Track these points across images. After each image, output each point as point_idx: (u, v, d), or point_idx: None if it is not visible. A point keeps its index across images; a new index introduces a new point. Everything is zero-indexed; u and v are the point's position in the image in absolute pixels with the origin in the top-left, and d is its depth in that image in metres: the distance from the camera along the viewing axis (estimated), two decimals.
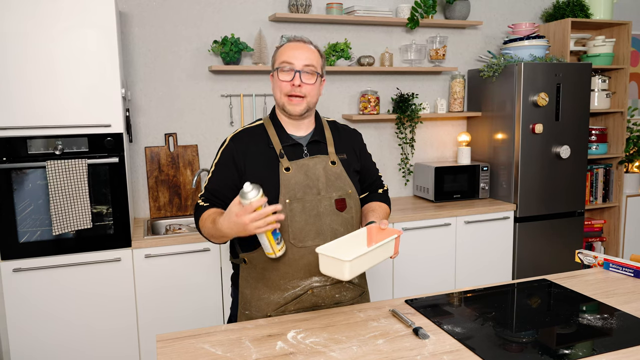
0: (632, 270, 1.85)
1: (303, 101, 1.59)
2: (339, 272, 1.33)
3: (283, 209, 1.53)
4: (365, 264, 1.37)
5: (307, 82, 1.58)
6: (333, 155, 1.66)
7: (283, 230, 1.55)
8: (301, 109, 1.59)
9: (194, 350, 1.34)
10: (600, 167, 3.82)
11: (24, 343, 2.42)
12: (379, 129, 3.57)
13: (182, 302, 2.65)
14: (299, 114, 1.60)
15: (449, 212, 3.15)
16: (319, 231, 1.57)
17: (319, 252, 1.36)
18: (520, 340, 1.38)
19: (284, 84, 1.58)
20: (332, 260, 1.33)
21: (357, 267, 1.34)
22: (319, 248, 1.38)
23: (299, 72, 1.56)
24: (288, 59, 1.57)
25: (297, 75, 1.56)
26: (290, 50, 1.58)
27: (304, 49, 1.59)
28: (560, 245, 3.46)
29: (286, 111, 1.61)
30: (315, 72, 1.59)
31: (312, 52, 1.60)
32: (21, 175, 2.37)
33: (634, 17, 4.17)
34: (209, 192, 1.63)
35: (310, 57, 1.58)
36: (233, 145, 1.62)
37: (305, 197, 1.56)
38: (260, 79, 3.24)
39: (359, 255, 1.33)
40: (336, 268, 1.33)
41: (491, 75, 3.41)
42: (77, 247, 2.46)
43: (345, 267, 1.30)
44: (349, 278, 1.32)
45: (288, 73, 1.57)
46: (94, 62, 2.41)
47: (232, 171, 1.60)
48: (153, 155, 3.05)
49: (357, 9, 3.25)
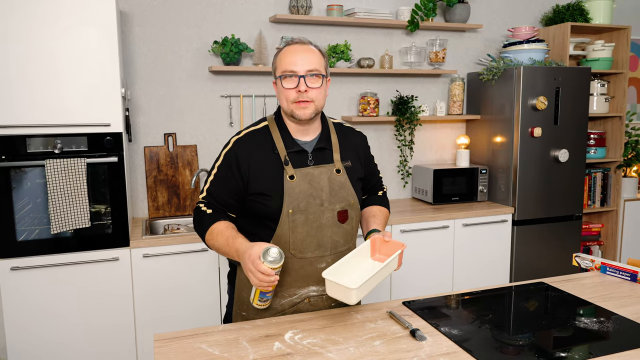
0: (629, 274, 1.86)
1: (311, 105, 1.53)
2: (346, 298, 1.34)
3: (285, 219, 1.53)
4: (371, 285, 1.38)
5: (312, 86, 1.52)
6: (338, 163, 1.62)
7: (284, 240, 1.54)
8: (310, 112, 1.53)
9: (192, 350, 1.34)
10: (599, 171, 3.83)
11: (22, 342, 2.42)
12: (378, 131, 3.57)
13: (180, 302, 2.65)
14: (309, 118, 1.54)
15: (448, 215, 3.16)
16: (319, 243, 1.56)
17: (326, 278, 1.36)
18: (517, 343, 1.38)
19: (289, 91, 1.52)
20: (339, 287, 1.34)
21: (363, 291, 1.34)
22: (326, 273, 1.38)
23: (303, 77, 1.50)
24: (290, 67, 1.51)
25: (302, 81, 1.50)
26: (291, 55, 1.52)
27: (305, 52, 1.52)
28: (558, 249, 3.47)
29: (295, 117, 1.54)
30: (321, 75, 1.53)
31: (313, 53, 1.54)
32: (20, 173, 2.37)
33: (633, 22, 4.19)
34: (211, 196, 1.60)
35: (312, 60, 1.52)
36: (237, 149, 1.58)
37: (308, 209, 1.54)
38: (260, 80, 3.24)
39: (365, 281, 1.33)
40: (343, 294, 1.34)
41: (490, 79, 3.42)
42: (75, 246, 2.46)
43: (352, 293, 1.32)
44: (355, 302, 1.33)
45: (292, 80, 1.51)
46: (94, 61, 2.41)
47: (236, 177, 1.56)
48: (152, 155, 3.05)
49: (358, 11, 3.26)
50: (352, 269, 1.47)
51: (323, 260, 1.58)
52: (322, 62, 1.56)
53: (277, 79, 1.55)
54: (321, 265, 1.57)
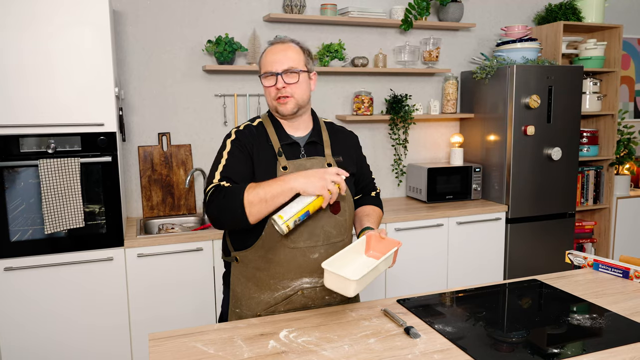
0: (621, 271, 1.87)
1: (291, 100, 1.61)
2: (344, 289, 1.34)
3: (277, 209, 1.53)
4: (368, 279, 1.38)
5: (289, 81, 1.60)
6: (329, 158, 1.67)
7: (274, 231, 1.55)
8: (291, 107, 1.61)
9: (186, 349, 1.34)
10: (591, 169, 3.85)
11: (16, 342, 2.41)
12: (373, 129, 3.58)
13: (175, 302, 2.64)
14: (290, 113, 1.62)
15: (442, 213, 3.17)
16: (312, 233, 1.57)
17: (325, 268, 1.36)
18: (511, 340, 1.39)
19: (270, 89, 1.62)
20: (338, 278, 1.34)
21: (361, 285, 1.35)
22: (325, 263, 1.38)
23: (280, 74, 1.58)
24: (268, 67, 1.61)
25: (280, 79, 1.59)
26: (270, 56, 1.62)
27: (283, 51, 1.61)
28: (551, 246, 3.49)
29: (279, 112, 1.64)
30: (297, 71, 1.61)
31: (291, 50, 1.62)
32: (13, 173, 2.36)
33: (625, 21, 4.22)
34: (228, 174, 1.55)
35: (289, 59, 1.60)
36: (242, 136, 1.63)
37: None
38: (254, 79, 3.24)
39: (365, 275, 1.34)
40: (341, 285, 1.34)
41: (484, 77, 3.44)
42: (69, 246, 2.45)
43: (351, 285, 1.32)
44: (353, 295, 1.34)
45: (271, 78, 1.61)
46: (88, 60, 2.40)
47: (247, 156, 1.60)
48: (146, 155, 3.04)
49: (351, 10, 3.27)
50: (347, 263, 1.47)
51: (316, 251, 1.59)
52: (302, 58, 1.64)
53: (259, 77, 1.65)
54: (314, 256, 1.58)
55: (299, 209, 1.43)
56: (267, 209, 1.45)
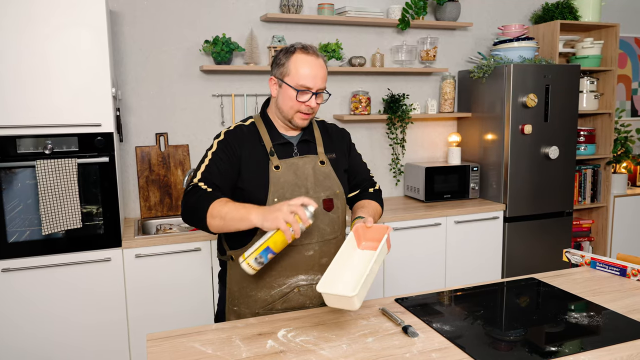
0: (618, 269, 1.88)
1: (311, 116, 1.65)
2: (349, 305, 1.30)
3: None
4: (368, 282, 1.34)
5: (320, 102, 1.63)
6: (322, 155, 1.68)
7: None
8: (308, 122, 1.65)
9: (184, 349, 1.34)
10: (589, 168, 3.86)
11: (13, 343, 2.40)
12: (370, 129, 3.58)
13: (173, 302, 2.64)
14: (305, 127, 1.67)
15: (440, 212, 3.17)
16: (306, 230, 1.57)
17: (322, 293, 1.31)
18: (509, 339, 1.40)
19: (298, 102, 1.59)
20: (338, 297, 1.30)
21: (362, 292, 1.31)
22: (321, 288, 1.33)
23: (315, 94, 1.59)
24: (306, 83, 1.57)
25: (314, 99, 1.60)
26: (308, 68, 1.57)
27: (320, 69, 1.59)
28: (549, 245, 3.49)
29: (293, 124, 1.64)
30: (326, 92, 1.64)
31: (324, 70, 1.62)
32: (10, 174, 2.36)
33: (621, 20, 4.22)
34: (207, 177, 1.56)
35: (324, 78, 1.61)
36: (229, 137, 1.63)
37: (293, 196, 1.56)
38: (252, 79, 3.24)
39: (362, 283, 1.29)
40: (344, 302, 1.30)
41: (481, 77, 3.44)
42: (66, 247, 2.45)
43: (354, 300, 1.27)
44: (359, 305, 1.30)
45: (305, 94, 1.59)
46: (85, 61, 2.40)
47: (231, 160, 1.58)
48: (144, 155, 3.04)
49: (349, 10, 3.27)
50: (342, 267, 1.45)
51: (310, 248, 1.60)
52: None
53: (288, 86, 1.58)
54: (308, 253, 1.60)
55: (258, 245, 1.40)
56: (224, 227, 1.46)
